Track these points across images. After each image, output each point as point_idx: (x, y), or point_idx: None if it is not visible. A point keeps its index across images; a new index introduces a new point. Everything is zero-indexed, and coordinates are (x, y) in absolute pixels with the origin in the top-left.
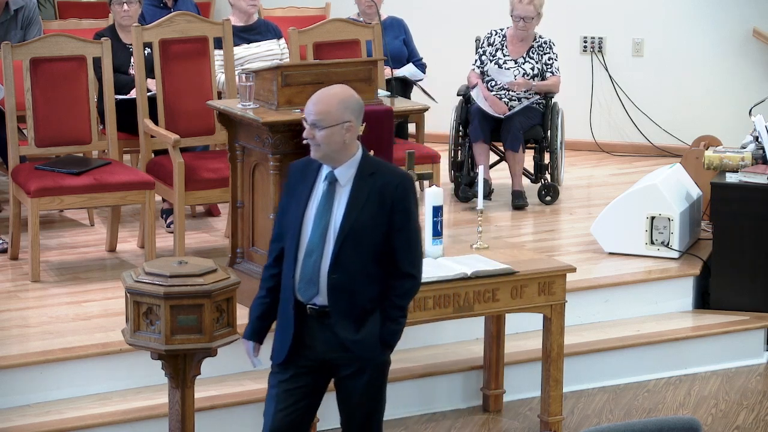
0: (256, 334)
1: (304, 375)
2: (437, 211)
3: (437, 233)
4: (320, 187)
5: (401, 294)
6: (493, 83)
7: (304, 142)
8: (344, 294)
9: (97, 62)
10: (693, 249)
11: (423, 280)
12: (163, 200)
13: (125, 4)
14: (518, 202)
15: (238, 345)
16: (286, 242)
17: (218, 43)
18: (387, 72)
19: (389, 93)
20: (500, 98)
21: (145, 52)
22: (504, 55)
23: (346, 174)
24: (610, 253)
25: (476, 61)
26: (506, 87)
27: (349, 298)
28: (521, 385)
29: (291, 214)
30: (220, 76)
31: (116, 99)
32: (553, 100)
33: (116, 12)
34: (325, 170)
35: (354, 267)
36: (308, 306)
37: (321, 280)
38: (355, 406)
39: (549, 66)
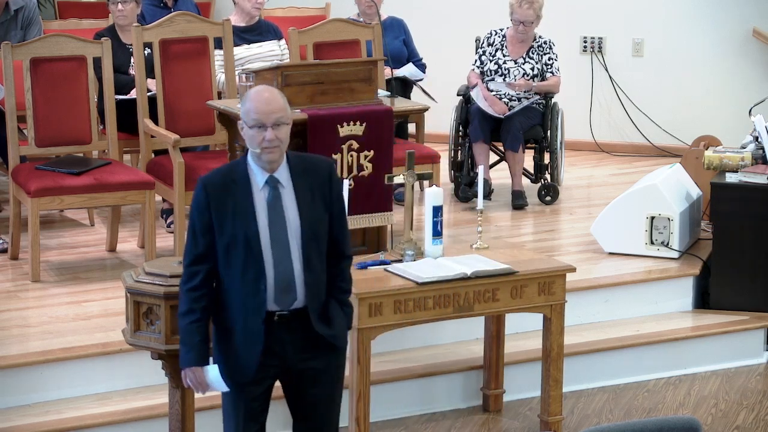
0: (204, 358)
1: (266, 384)
2: (437, 211)
3: (437, 233)
4: (260, 195)
5: (346, 277)
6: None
7: (265, 148)
8: (315, 292)
9: (97, 62)
10: (693, 249)
11: (423, 280)
12: (163, 200)
13: (120, 3)
14: (518, 202)
15: None
16: (233, 259)
17: (218, 43)
18: (387, 72)
19: (389, 93)
20: (500, 98)
21: (145, 52)
22: (504, 56)
23: (284, 175)
24: (610, 253)
25: (476, 61)
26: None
27: (318, 295)
28: (521, 385)
29: (234, 229)
30: (220, 76)
31: (116, 99)
32: (553, 100)
33: (112, 11)
34: (258, 177)
35: (317, 263)
36: (278, 314)
37: (297, 285)
38: (324, 396)
39: (549, 66)
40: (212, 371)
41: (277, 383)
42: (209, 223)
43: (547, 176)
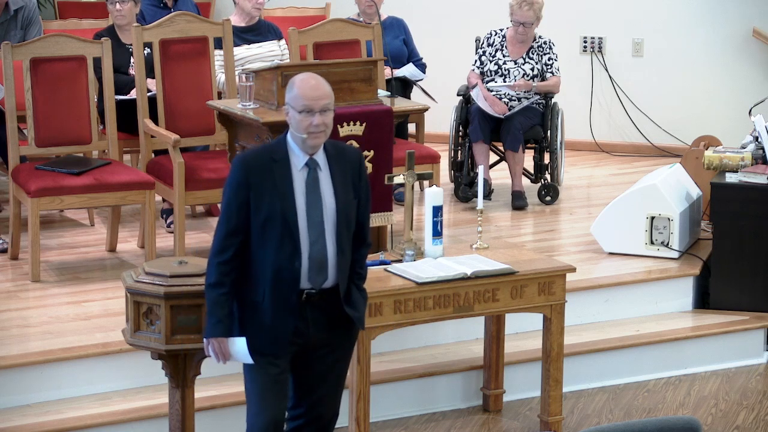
0: (230, 329)
1: (288, 361)
2: (437, 211)
3: (437, 233)
4: (299, 175)
5: (365, 264)
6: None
7: (311, 133)
8: (344, 273)
9: (97, 62)
10: (693, 249)
11: (423, 280)
12: (163, 200)
13: (118, 3)
14: (518, 202)
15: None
16: (269, 235)
17: (218, 43)
18: (387, 72)
19: (389, 93)
20: (500, 98)
21: (145, 52)
22: (504, 56)
23: (321, 159)
24: (610, 253)
25: (476, 61)
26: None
27: (346, 277)
28: (521, 385)
29: (272, 206)
30: (220, 76)
31: (116, 99)
32: (553, 100)
33: (111, 11)
34: (298, 158)
35: (347, 246)
36: (306, 292)
37: (329, 265)
38: (335, 367)
39: (549, 66)
40: (239, 343)
41: None
42: (246, 199)
43: (547, 176)
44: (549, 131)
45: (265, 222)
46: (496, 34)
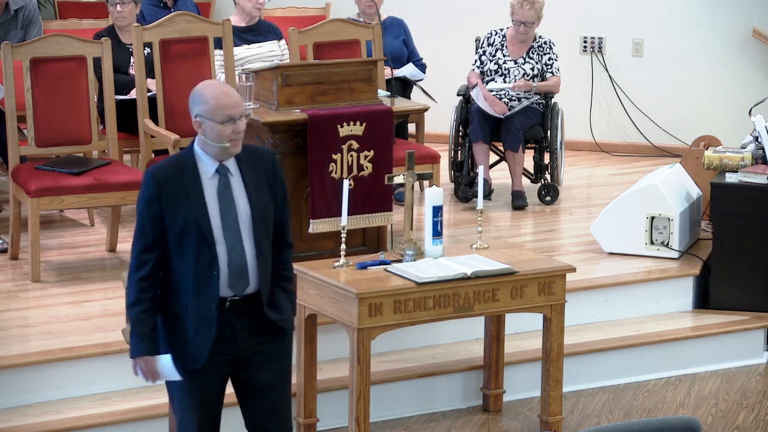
0: (155, 347)
1: (220, 373)
2: (437, 211)
3: (437, 233)
4: (210, 183)
5: (289, 265)
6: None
7: (233, 141)
8: (266, 277)
9: (97, 62)
10: (693, 249)
11: (423, 280)
12: None
13: (118, 5)
14: (518, 202)
15: None
16: (185, 246)
17: (218, 43)
18: (387, 72)
19: (389, 93)
20: (500, 98)
21: (145, 52)
22: (504, 56)
23: (231, 164)
24: (610, 253)
25: (476, 61)
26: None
27: (267, 281)
28: (521, 385)
29: (186, 217)
30: (220, 76)
31: (116, 99)
32: (553, 100)
33: (111, 13)
34: (207, 166)
35: (266, 249)
36: (230, 299)
37: (250, 270)
38: (276, 378)
39: (549, 66)
40: (164, 360)
41: (229, 390)
42: (159, 213)
43: (547, 176)
44: (549, 131)
45: (180, 233)
46: (496, 34)
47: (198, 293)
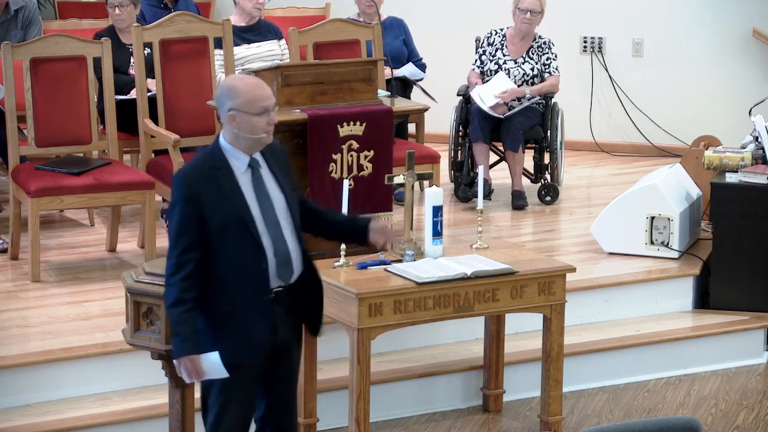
0: (199, 346)
1: (260, 368)
2: (437, 211)
3: (437, 233)
4: (244, 178)
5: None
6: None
7: (268, 132)
8: (306, 264)
9: (97, 62)
10: (693, 249)
11: (423, 280)
12: (163, 200)
13: (117, 7)
14: (518, 202)
15: None
16: (228, 243)
17: (218, 43)
18: (387, 72)
19: (389, 93)
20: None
21: (145, 52)
22: (504, 55)
23: (259, 157)
24: (610, 253)
25: (476, 60)
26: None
27: (305, 267)
28: (521, 385)
29: (227, 213)
30: (220, 76)
31: (116, 99)
32: (553, 100)
33: (111, 14)
34: (238, 161)
35: (300, 236)
36: (275, 290)
37: (293, 258)
38: (293, 368)
39: (547, 66)
40: (213, 357)
41: None
42: (198, 213)
43: (547, 176)
44: (549, 131)
45: (221, 231)
46: (496, 34)
47: (247, 288)
